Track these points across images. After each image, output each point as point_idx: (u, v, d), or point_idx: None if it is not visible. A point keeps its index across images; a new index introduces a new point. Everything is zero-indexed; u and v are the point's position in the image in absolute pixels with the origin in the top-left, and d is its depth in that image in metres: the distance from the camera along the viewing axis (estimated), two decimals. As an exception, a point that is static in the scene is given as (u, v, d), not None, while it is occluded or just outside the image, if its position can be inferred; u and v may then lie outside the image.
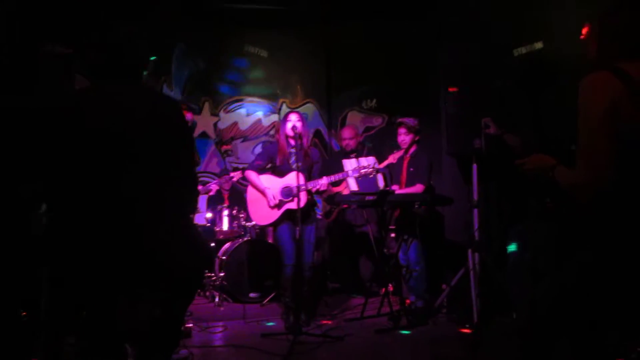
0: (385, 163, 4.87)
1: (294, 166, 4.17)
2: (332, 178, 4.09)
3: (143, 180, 2.22)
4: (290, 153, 4.24)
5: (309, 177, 4.19)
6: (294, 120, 4.16)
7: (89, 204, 2.18)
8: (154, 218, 2.26)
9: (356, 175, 4.05)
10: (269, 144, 4.39)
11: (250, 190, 4.35)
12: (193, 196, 2.55)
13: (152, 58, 3.64)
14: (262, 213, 4.25)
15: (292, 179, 4.16)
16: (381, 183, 4.26)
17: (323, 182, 4.07)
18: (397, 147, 4.89)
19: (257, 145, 6.75)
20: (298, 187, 3.82)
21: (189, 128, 2.50)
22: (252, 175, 4.29)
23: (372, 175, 4.06)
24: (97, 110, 2.20)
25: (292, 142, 4.18)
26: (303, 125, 4.18)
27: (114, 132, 2.18)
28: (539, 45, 4.64)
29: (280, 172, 4.26)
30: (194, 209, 2.62)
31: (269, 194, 4.16)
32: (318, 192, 4.19)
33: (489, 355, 3.30)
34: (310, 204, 4.25)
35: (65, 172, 2.18)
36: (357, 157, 4.53)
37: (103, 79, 2.32)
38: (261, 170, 4.32)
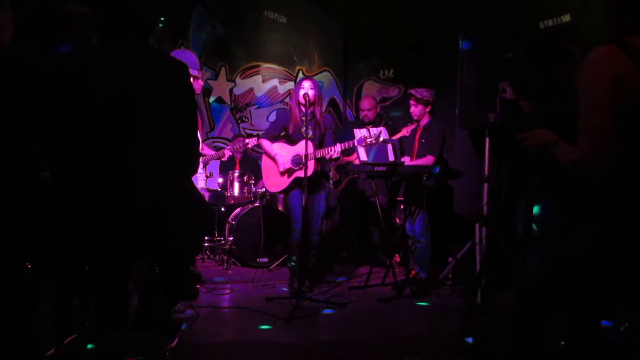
0: (399, 135, 4.84)
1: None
2: (344, 145, 4.07)
3: (143, 141, 2.24)
4: (302, 121, 4.21)
5: (320, 145, 4.18)
6: (306, 87, 4.11)
7: (88, 163, 2.21)
8: (154, 177, 2.29)
9: (362, 144, 4.02)
10: (282, 111, 4.38)
11: (264, 158, 4.40)
12: (194, 158, 2.57)
13: (161, 19, 3.63)
14: (273, 180, 4.30)
15: (303, 147, 4.14)
16: (391, 154, 4.23)
17: (337, 149, 4.05)
18: (412, 119, 4.86)
19: (272, 112, 6.74)
20: (306, 155, 3.82)
21: (192, 90, 2.50)
22: (265, 143, 4.32)
23: (377, 145, 4.03)
24: (97, 70, 2.22)
25: (304, 109, 4.14)
26: (316, 92, 4.13)
27: (113, 92, 2.20)
28: (566, 18, 4.51)
29: (292, 140, 4.27)
30: (194, 171, 2.64)
31: (280, 161, 4.18)
32: (331, 159, 4.17)
33: (482, 328, 3.30)
34: (320, 173, 4.25)
35: (64, 132, 2.21)
36: (369, 127, 4.51)
37: (110, 38, 2.33)
38: (275, 138, 4.33)
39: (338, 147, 4.05)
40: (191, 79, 2.76)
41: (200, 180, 5.07)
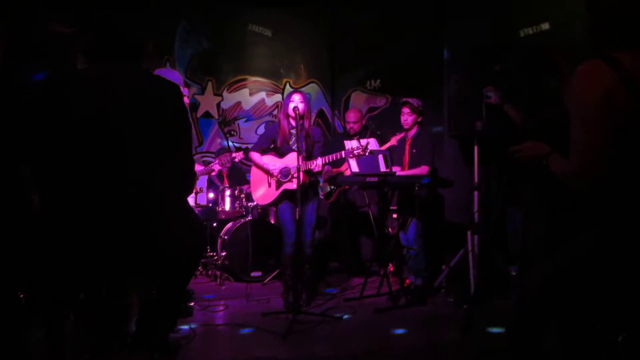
0: (387, 145, 4.84)
1: (294, 147, 4.17)
2: (327, 159, 4.08)
3: (137, 162, 2.22)
4: (291, 134, 4.23)
5: (309, 158, 4.18)
6: (296, 100, 4.12)
7: (80, 185, 2.19)
8: (150, 198, 2.27)
9: (349, 156, 4.04)
10: (271, 124, 4.39)
11: (253, 171, 4.39)
12: (189, 178, 2.56)
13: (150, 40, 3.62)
14: (262, 193, 4.30)
15: (291, 159, 4.17)
16: (382, 164, 4.24)
17: (318, 163, 4.06)
18: (400, 129, 4.88)
19: (260, 125, 6.74)
20: (298, 167, 3.81)
21: (185, 110, 2.50)
22: (255, 155, 4.32)
23: (364, 156, 4.04)
24: (87, 93, 2.20)
25: (293, 122, 4.14)
26: (306, 105, 4.13)
27: (100, 115, 2.18)
28: (545, 26, 4.58)
29: (281, 152, 4.27)
30: (190, 190, 2.62)
31: (275, 169, 4.20)
32: (312, 172, 4.18)
33: (479, 338, 3.31)
34: (309, 185, 4.25)
35: (55, 155, 2.19)
36: (359, 138, 4.51)
37: (98, 61, 2.32)
38: (264, 151, 4.34)
39: (319, 161, 4.06)
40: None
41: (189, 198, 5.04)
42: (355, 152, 4.02)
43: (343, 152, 4.05)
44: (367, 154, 4.00)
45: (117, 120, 2.20)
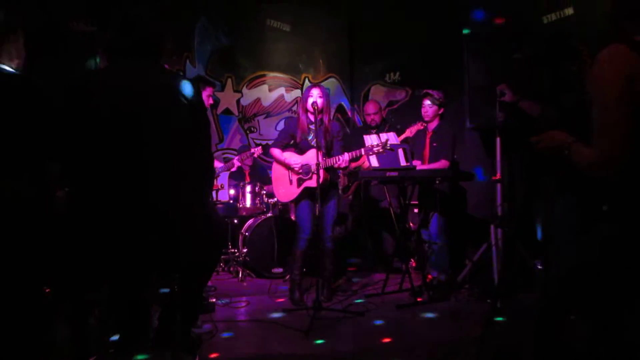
0: (403, 137, 4.85)
1: (312, 143, 4.17)
2: (352, 154, 4.07)
3: (158, 158, 2.24)
4: (310, 129, 4.22)
5: (328, 154, 4.18)
6: (315, 95, 4.10)
7: (106, 181, 2.22)
8: (172, 194, 2.30)
9: (369, 153, 4.03)
10: (290, 119, 4.38)
11: (274, 167, 4.39)
12: (209, 174, 2.58)
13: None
14: (283, 190, 4.30)
15: (312, 156, 4.15)
16: (402, 159, 4.22)
17: (345, 158, 4.04)
18: (419, 121, 4.85)
19: (279, 121, 6.76)
20: (317, 164, 3.81)
21: (204, 107, 2.52)
22: (275, 152, 4.30)
23: (384, 153, 4.03)
24: (107, 91, 2.23)
25: (312, 117, 4.11)
26: (325, 100, 4.11)
27: (123, 113, 2.21)
28: (569, 11, 4.49)
29: (300, 148, 4.27)
30: (210, 186, 2.65)
31: (297, 164, 4.20)
32: (339, 168, 4.18)
33: (503, 333, 3.29)
34: (330, 182, 4.23)
35: (80, 153, 2.23)
36: (378, 132, 4.50)
37: (119, 58, 2.35)
38: (284, 147, 4.33)
39: (346, 157, 4.04)
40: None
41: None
42: (374, 149, 4.01)
43: (362, 150, 4.04)
44: (387, 150, 3.99)
45: (139, 118, 2.22)
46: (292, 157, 4.24)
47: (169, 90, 2.31)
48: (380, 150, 3.98)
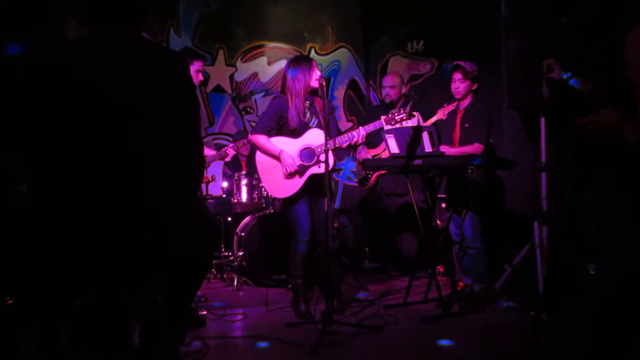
0: (433, 119, 4.80)
1: (311, 124, 4.23)
2: (368, 128, 4.10)
3: (137, 147, 2.24)
4: (308, 109, 4.24)
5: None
6: (317, 69, 4.20)
7: (77, 173, 2.22)
8: (153, 188, 2.29)
9: (392, 122, 4.05)
10: (277, 99, 4.30)
11: (259, 158, 4.33)
12: (198, 165, 2.58)
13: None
14: (280, 184, 4.26)
15: (312, 137, 4.16)
16: (427, 144, 4.19)
17: (361, 133, 4.07)
18: (449, 100, 4.82)
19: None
20: (326, 150, 3.78)
21: (193, 85, 2.52)
22: (261, 139, 4.25)
23: (409, 120, 4.03)
24: (80, 67, 2.22)
25: (310, 97, 4.23)
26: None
27: (102, 94, 2.20)
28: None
29: (293, 132, 4.24)
30: (199, 179, 2.65)
31: (287, 160, 4.16)
32: (352, 146, 4.21)
33: (553, 348, 3.26)
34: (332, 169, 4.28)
35: (44, 141, 2.23)
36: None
37: (93, 27, 2.34)
38: (270, 132, 4.29)
39: (362, 131, 4.08)
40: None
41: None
42: (397, 117, 4.05)
43: (382, 119, 4.08)
44: (407, 118, 4.00)
45: (119, 99, 2.22)
46: (284, 143, 4.22)
47: (153, 65, 2.31)
48: (404, 117, 4.00)
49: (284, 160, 4.17)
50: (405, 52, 6.75)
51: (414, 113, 4.17)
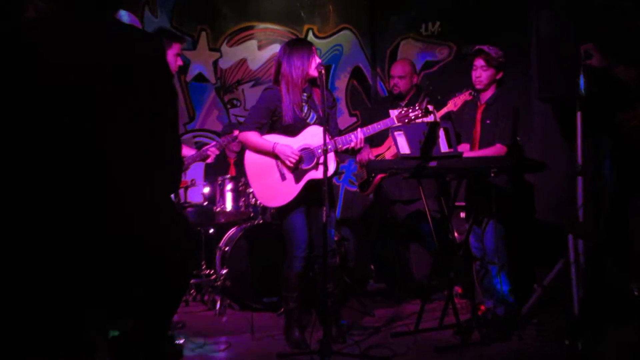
0: (443, 111, 4.81)
1: (310, 120, 4.22)
2: (368, 130, 4.09)
3: (105, 143, 2.25)
4: (305, 101, 4.23)
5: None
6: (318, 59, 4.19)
7: (21, 178, 2.20)
8: (119, 192, 2.29)
9: (404, 120, 4.06)
10: (269, 90, 4.27)
11: (250, 160, 4.30)
12: (175, 168, 2.59)
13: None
14: (273, 190, 4.25)
15: (311, 136, 4.15)
16: (443, 142, 4.16)
17: (358, 137, 4.05)
18: (467, 88, 4.80)
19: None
20: (325, 149, 3.78)
21: (170, 73, 2.52)
22: (251, 136, 4.24)
23: (425, 116, 4.04)
24: (38, 55, 2.23)
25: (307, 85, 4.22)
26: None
27: (62, 84, 2.21)
28: None
29: (288, 129, 4.23)
30: (176, 184, 2.65)
31: (286, 151, 4.13)
32: (350, 151, 4.20)
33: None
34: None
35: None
36: (408, 105, 4.45)
37: (57, 10, 2.35)
38: (261, 129, 4.28)
39: (360, 134, 4.07)
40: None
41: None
42: (411, 114, 4.07)
43: (392, 116, 4.09)
44: (423, 115, 4.03)
45: (77, 85, 2.23)
46: (281, 141, 4.20)
47: (123, 50, 2.33)
48: (419, 113, 4.01)
49: (281, 152, 4.13)
50: (419, 35, 6.75)
51: (430, 108, 4.13)
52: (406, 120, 4.10)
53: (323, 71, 3.99)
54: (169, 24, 6.49)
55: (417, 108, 4.12)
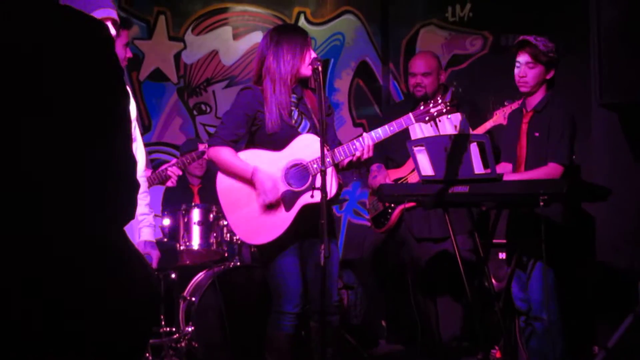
0: (488, 125, 4.83)
1: (301, 129, 4.24)
2: (377, 134, 4.11)
3: (36, 162, 2.26)
4: (294, 107, 4.25)
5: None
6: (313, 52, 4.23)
7: None
8: (56, 226, 2.30)
9: (425, 119, 4.13)
10: (247, 90, 4.25)
11: (224, 185, 4.29)
12: (126, 188, 2.58)
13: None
14: (255, 222, 4.21)
15: (303, 148, 4.14)
16: (478, 162, 4.22)
17: (365, 144, 4.06)
18: (513, 93, 4.85)
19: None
20: (323, 171, 3.78)
21: (119, 67, 2.55)
22: (223, 153, 4.21)
23: (450, 113, 4.12)
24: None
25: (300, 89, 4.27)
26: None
27: None
28: None
29: (273, 140, 4.22)
30: (129, 214, 2.66)
31: (266, 184, 4.10)
32: (356, 164, 4.20)
33: None
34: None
35: None
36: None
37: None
38: (238, 144, 4.29)
39: (368, 140, 4.08)
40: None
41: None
42: (432, 109, 4.12)
43: (409, 115, 4.14)
44: (447, 113, 4.12)
45: (10, 97, 2.24)
46: (261, 158, 4.20)
47: (59, 38, 2.33)
48: (444, 109, 4.10)
49: (260, 184, 4.09)
50: (444, 21, 6.81)
51: (453, 119, 4.20)
52: (426, 118, 4.13)
53: (320, 68, 3.98)
54: (116, 5, 6.56)
55: (439, 102, 4.14)
